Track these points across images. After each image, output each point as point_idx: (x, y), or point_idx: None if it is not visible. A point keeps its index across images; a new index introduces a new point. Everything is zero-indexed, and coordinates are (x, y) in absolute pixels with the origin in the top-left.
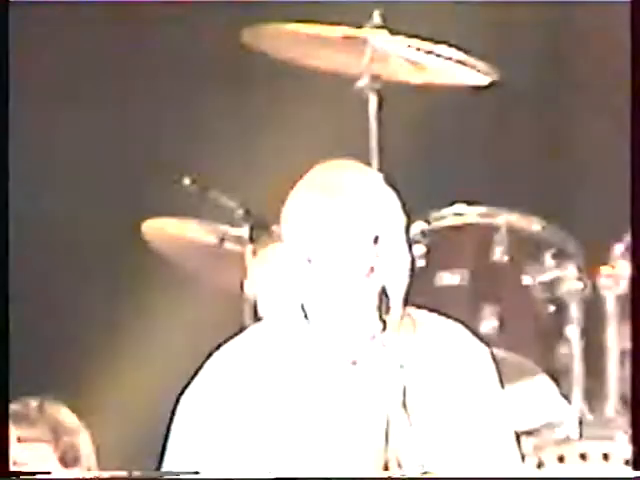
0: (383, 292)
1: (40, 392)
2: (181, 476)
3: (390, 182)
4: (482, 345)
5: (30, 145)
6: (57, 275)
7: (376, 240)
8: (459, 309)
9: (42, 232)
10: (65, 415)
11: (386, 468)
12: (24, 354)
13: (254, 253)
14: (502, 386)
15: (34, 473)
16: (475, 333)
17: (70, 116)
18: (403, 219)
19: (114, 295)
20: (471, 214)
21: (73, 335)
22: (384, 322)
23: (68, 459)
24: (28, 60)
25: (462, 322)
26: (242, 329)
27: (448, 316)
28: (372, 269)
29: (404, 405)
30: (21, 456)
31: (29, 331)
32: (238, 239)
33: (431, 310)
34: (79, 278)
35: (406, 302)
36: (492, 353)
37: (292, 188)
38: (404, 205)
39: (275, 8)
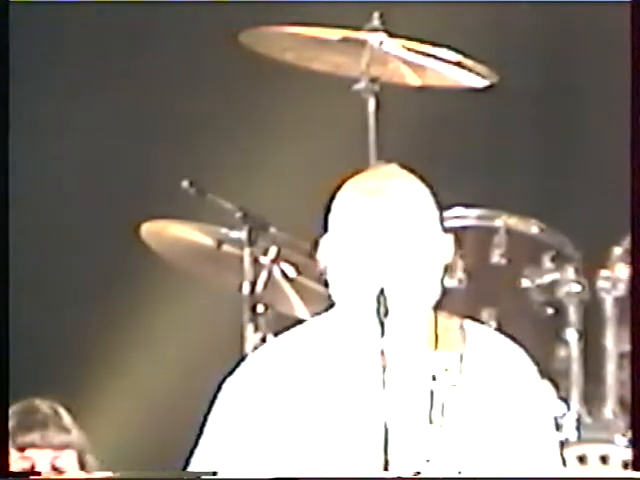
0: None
1: (38, 394)
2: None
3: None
4: (531, 363)
5: (29, 146)
6: (56, 277)
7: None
8: (457, 311)
9: (42, 235)
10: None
11: (386, 468)
12: (23, 356)
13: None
14: (548, 406)
15: (35, 473)
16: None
17: (69, 117)
18: (437, 223)
19: (113, 297)
20: (470, 217)
21: (72, 336)
22: (436, 334)
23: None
24: (28, 60)
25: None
26: (241, 331)
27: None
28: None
29: (441, 413)
30: None
31: (28, 333)
32: (237, 241)
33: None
34: (78, 280)
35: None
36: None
37: (290, 190)
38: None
39: (274, 10)
